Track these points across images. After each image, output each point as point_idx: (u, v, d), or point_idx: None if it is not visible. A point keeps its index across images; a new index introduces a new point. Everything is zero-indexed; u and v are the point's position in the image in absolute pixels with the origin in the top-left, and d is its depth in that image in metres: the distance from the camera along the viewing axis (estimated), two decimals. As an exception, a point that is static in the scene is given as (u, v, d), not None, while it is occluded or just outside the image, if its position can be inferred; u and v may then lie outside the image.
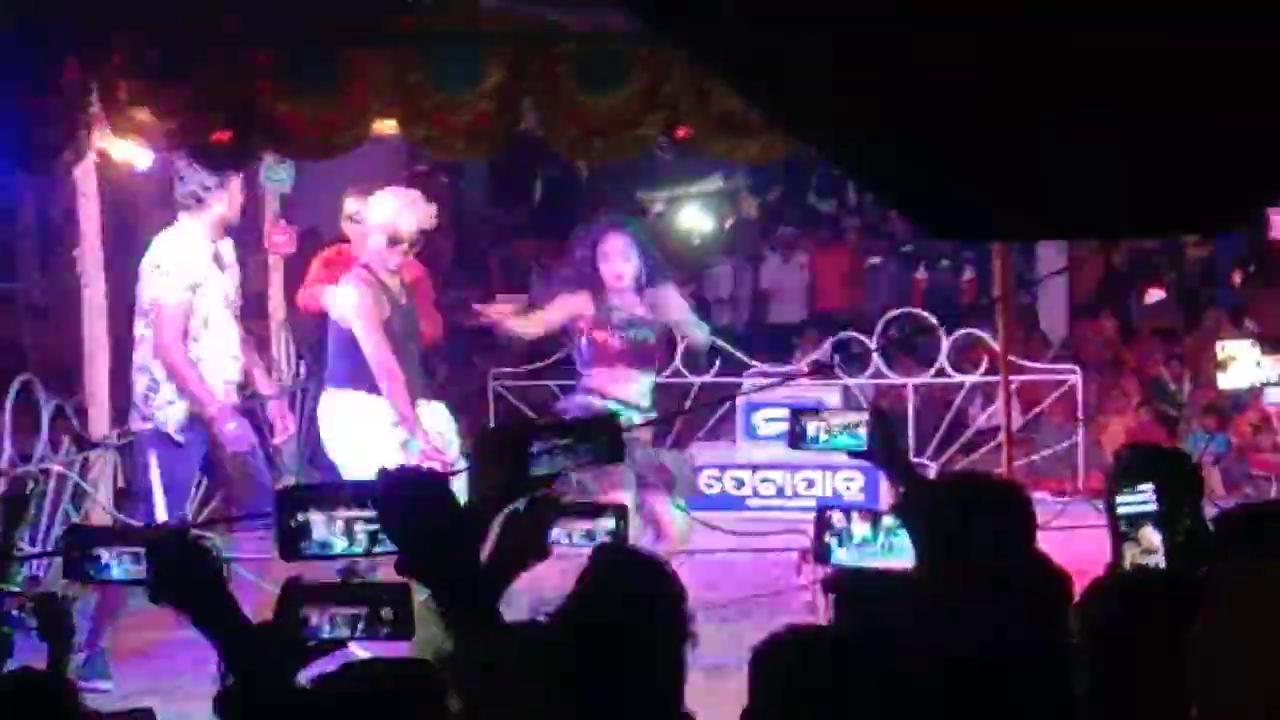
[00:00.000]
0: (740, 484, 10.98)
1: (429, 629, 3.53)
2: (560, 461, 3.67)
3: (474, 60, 7.66)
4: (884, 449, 4.57)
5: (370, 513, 3.18)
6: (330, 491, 3.35)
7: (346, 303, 7.99)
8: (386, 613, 3.44)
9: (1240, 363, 5.78)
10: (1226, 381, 6.11)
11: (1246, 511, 4.31)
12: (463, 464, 7.40)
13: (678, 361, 11.25)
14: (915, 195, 3.34)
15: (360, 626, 3.41)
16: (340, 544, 3.26)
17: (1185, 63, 3.03)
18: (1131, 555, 4.10)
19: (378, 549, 3.20)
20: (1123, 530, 4.14)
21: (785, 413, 10.18)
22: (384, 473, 3.07)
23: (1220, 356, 5.92)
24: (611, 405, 7.75)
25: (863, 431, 4.53)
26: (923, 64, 3.01)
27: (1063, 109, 3.13)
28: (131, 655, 7.99)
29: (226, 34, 7.54)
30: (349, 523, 3.21)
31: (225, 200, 7.95)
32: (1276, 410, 10.62)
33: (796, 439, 4.61)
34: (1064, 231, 4.52)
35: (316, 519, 3.20)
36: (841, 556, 4.31)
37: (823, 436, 4.59)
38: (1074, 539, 6.16)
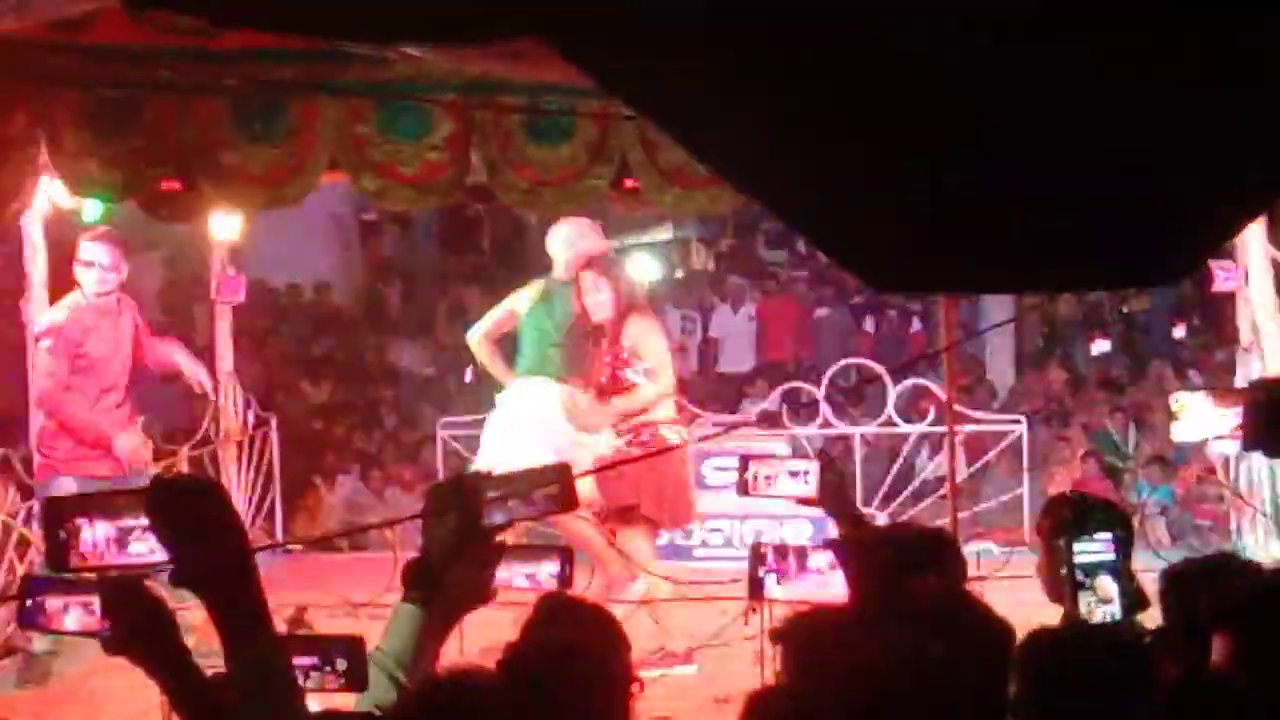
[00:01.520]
0: (689, 534, 10.97)
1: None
2: (514, 511, 3.68)
3: (423, 111, 7.69)
4: (834, 496, 4.59)
5: (143, 521, 3.02)
6: (102, 499, 3.23)
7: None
8: (340, 664, 3.43)
9: (1194, 414, 5.79)
10: (1180, 434, 6.13)
11: (1193, 565, 4.36)
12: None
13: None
14: (858, 248, 3.37)
15: (312, 677, 3.40)
16: (112, 555, 3.08)
17: (1126, 117, 3.08)
18: (1088, 604, 4.13)
19: (152, 559, 3.04)
20: (1079, 579, 4.16)
21: (734, 462, 10.20)
22: (155, 479, 3.03)
23: (1174, 408, 5.94)
24: None
25: (812, 478, 4.55)
26: (864, 119, 3.04)
27: (1004, 163, 3.16)
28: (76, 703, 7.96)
29: (174, 85, 7.55)
30: (123, 532, 3.07)
31: None
32: (1221, 461, 10.67)
33: (746, 486, 4.62)
34: (1006, 285, 4.55)
35: (88, 527, 3.10)
36: (775, 591, 4.34)
37: (772, 483, 4.60)
38: (1020, 589, 6.19)
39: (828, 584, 4.23)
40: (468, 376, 17.79)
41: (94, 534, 3.07)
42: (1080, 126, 3.08)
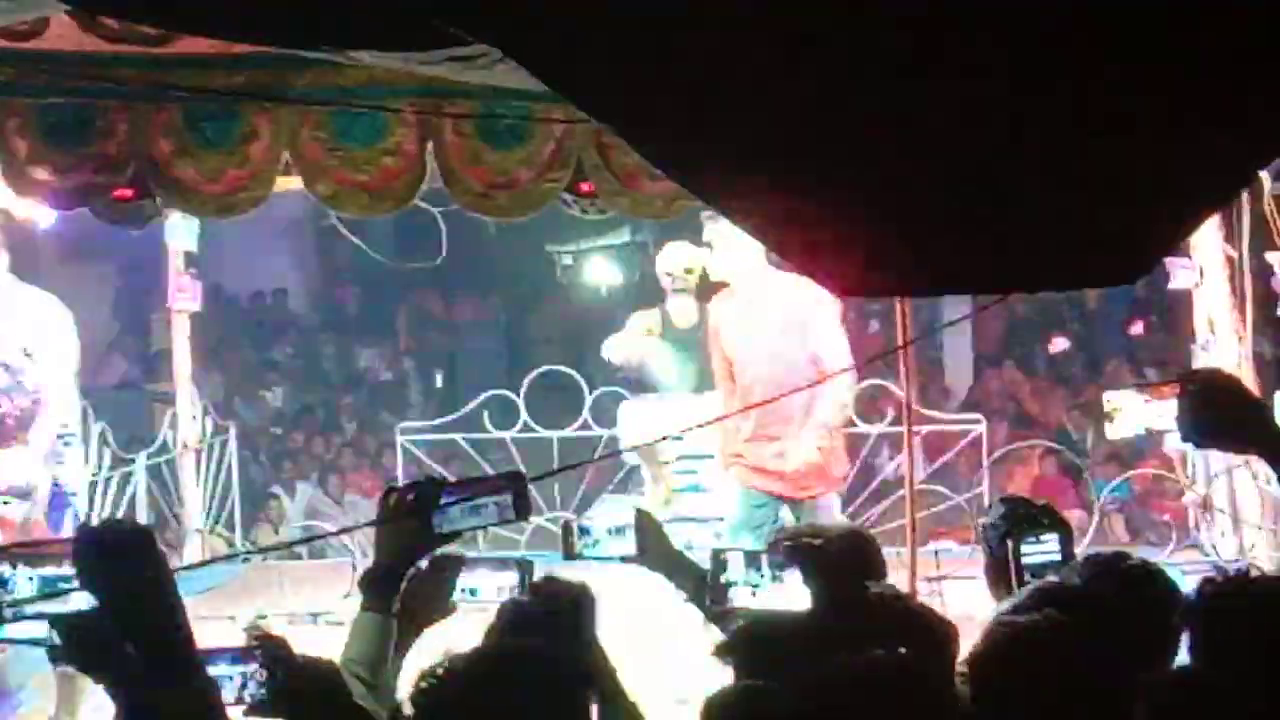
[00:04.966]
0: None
1: None
2: (467, 520, 3.67)
3: (378, 116, 7.65)
4: (654, 550, 4.39)
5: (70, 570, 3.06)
6: (31, 549, 3.23)
7: None
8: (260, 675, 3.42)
9: (1127, 412, 5.82)
10: (1114, 431, 6.15)
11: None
12: None
13: (586, 414, 11.28)
14: (815, 253, 3.37)
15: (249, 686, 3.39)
16: (43, 603, 3.12)
17: (1083, 119, 3.08)
18: (1033, 605, 4.14)
19: (83, 605, 3.05)
20: (1027, 580, 4.17)
21: (698, 464, 10.14)
22: (80, 529, 3.05)
23: (1107, 408, 5.96)
24: None
25: (630, 534, 4.34)
26: (820, 122, 3.04)
27: (959, 166, 3.17)
28: None
29: (126, 92, 7.50)
30: (51, 580, 3.10)
31: None
32: (1179, 457, 10.70)
33: (570, 551, 4.36)
34: (962, 286, 4.55)
35: (19, 575, 3.11)
36: (738, 598, 4.28)
37: (597, 545, 4.39)
38: (979, 587, 6.19)
39: (790, 590, 4.19)
40: (438, 381, 17.77)
41: (24, 582, 3.08)
42: (1036, 130, 3.09)
